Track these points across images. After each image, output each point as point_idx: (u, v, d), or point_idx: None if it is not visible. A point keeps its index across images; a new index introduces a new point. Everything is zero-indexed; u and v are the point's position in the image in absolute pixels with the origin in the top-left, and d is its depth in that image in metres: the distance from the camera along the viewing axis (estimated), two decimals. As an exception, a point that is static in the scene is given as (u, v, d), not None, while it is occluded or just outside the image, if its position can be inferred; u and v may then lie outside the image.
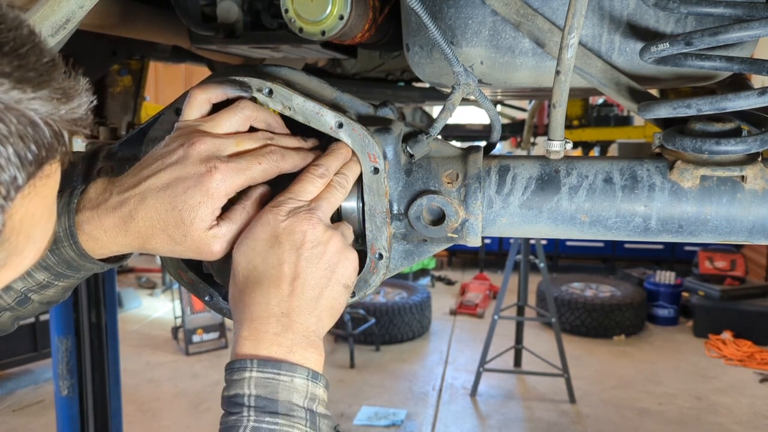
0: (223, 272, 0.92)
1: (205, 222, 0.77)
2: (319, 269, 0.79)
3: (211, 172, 0.77)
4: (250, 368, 0.73)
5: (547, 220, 0.96)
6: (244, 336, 0.76)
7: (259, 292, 0.77)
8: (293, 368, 0.74)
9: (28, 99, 0.44)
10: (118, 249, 0.81)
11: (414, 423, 5.30)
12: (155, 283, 9.23)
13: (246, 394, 0.72)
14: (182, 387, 5.88)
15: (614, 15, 0.92)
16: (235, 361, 0.74)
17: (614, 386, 6.00)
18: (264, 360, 0.74)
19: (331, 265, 0.80)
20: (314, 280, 0.79)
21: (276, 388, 0.72)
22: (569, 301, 7.40)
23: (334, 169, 0.86)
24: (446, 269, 10.66)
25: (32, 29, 0.48)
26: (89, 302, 3.19)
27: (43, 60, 0.47)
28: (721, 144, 0.85)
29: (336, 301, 0.82)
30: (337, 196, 0.85)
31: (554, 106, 0.87)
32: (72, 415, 3.22)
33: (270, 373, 0.73)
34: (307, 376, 0.75)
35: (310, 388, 0.75)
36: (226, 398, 0.74)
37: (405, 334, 7.07)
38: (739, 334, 6.96)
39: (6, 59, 0.43)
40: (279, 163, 0.83)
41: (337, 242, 0.81)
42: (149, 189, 0.77)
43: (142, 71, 2.35)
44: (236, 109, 0.84)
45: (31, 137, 0.44)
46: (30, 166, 0.45)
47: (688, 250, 9.29)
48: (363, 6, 1.09)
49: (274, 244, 0.78)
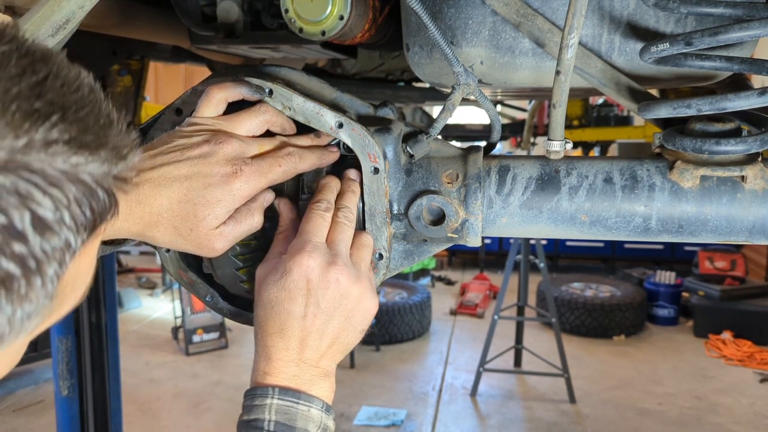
0: (218, 261, 0.92)
1: (218, 220, 0.79)
2: (337, 322, 0.83)
3: (236, 173, 0.79)
4: (272, 395, 0.78)
5: (547, 220, 0.96)
6: (265, 371, 0.81)
7: (280, 337, 0.81)
8: (311, 399, 0.80)
9: (85, 163, 0.43)
10: (116, 233, 0.80)
11: (414, 423, 5.30)
12: (155, 283, 9.23)
13: (266, 419, 0.77)
14: (182, 387, 5.87)
15: (614, 15, 0.92)
16: (256, 388, 0.79)
17: (614, 386, 6.00)
18: (285, 389, 0.79)
19: (349, 316, 0.84)
20: (332, 332, 0.83)
21: (294, 416, 0.78)
22: (569, 301, 7.39)
23: (333, 199, 0.89)
24: (446, 269, 10.66)
25: (92, 86, 0.47)
26: (89, 302, 3.19)
27: (100, 122, 0.45)
28: (721, 144, 0.85)
29: (350, 344, 0.86)
30: (348, 232, 0.88)
31: (554, 106, 0.87)
32: (72, 415, 3.21)
33: (289, 401, 0.78)
34: (321, 408, 0.80)
35: (323, 419, 0.80)
36: (245, 422, 0.78)
37: (405, 334, 7.07)
38: (739, 334, 6.95)
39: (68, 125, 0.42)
40: (297, 165, 0.86)
41: (355, 292, 0.84)
42: (165, 177, 0.77)
43: (142, 71, 2.35)
44: (257, 112, 0.86)
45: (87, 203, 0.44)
46: (85, 231, 0.45)
47: (688, 250, 9.29)
48: (363, 6, 1.09)
49: (297, 296, 0.81)
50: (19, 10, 1.18)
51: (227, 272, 0.92)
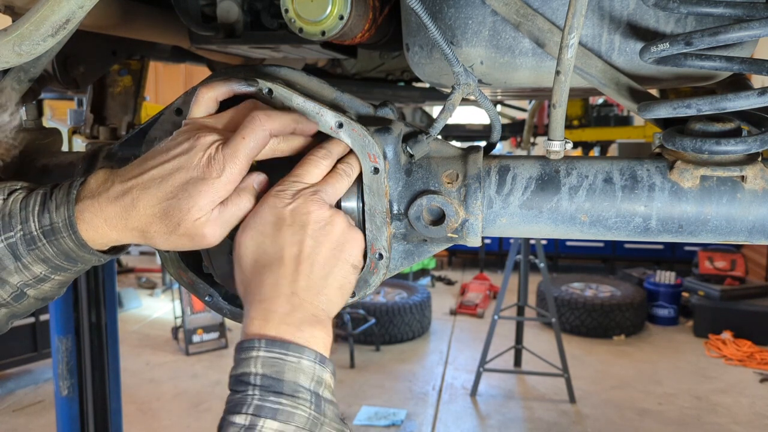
0: (218, 261, 0.92)
1: (203, 210, 0.78)
2: (326, 248, 0.80)
3: (210, 161, 0.78)
4: (258, 348, 0.73)
5: (547, 220, 0.96)
6: (253, 316, 0.76)
7: (268, 273, 0.78)
8: (301, 350, 0.74)
9: None
10: (117, 238, 0.81)
11: (414, 423, 5.30)
12: (155, 283, 9.23)
13: (252, 372, 0.72)
14: (182, 387, 5.87)
15: (614, 15, 0.92)
16: (244, 341, 0.75)
17: (614, 386, 6.00)
18: (272, 340, 0.74)
19: (339, 244, 0.81)
20: (323, 259, 0.80)
21: (282, 368, 0.72)
22: (569, 301, 7.40)
23: (337, 154, 0.87)
24: (446, 269, 10.66)
25: None
26: (89, 302, 3.19)
27: None
28: (721, 144, 0.85)
29: (345, 281, 0.82)
30: (342, 182, 0.85)
31: (554, 106, 0.87)
32: (72, 415, 3.22)
33: (277, 353, 0.73)
34: (314, 359, 0.74)
35: (317, 371, 0.74)
36: (233, 377, 0.74)
37: (405, 334, 7.07)
38: (739, 334, 6.96)
39: None
40: (265, 124, 0.80)
41: (342, 222, 0.82)
42: (152, 178, 0.78)
43: (142, 71, 2.34)
44: (241, 107, 0.85)
45: None
46: None
47: (688, 250, 9.29)
48: (363, 6, 1.09)
49: (281, 226, 0.79)
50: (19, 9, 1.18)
51: (227, 272, 0.92)
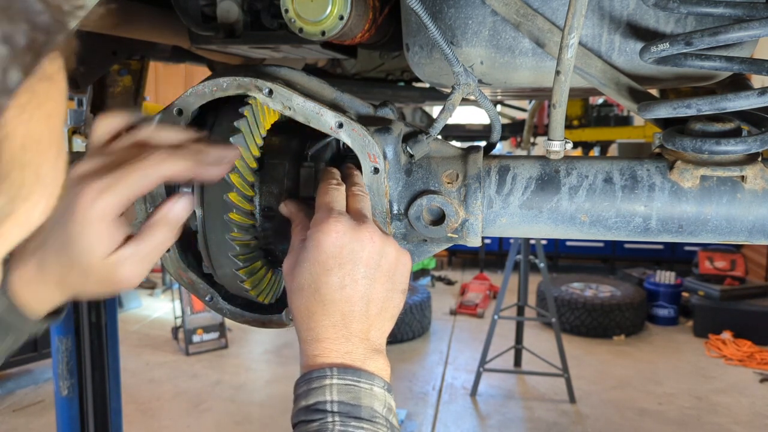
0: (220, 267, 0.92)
1: (100, 248, 0.70)
2: (380, 284, 0.78)
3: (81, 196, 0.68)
4: (330, 376, 0.72)
5: (547, 220, 0.96)
6: (315, 354, 0.75)
7: (324, 315, 0.76)
8: (371, 377, 0.74)
9: None
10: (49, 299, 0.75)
11: (414, 423, 5.30)
12: (155, 283, 9.23)
13: (328, 400, 0.71)
14: (182, 387, 5.87)
15: (614, 15, 0.92)
16: (312, 371, 0.73)
17: (614, 386, 6.00)
18: (344, 368, 0.73)
19: (391, 276, 0.79)
20: (377, 296, 0.78)
21: (358, 394, 0.72)
22: (569, 301, 7.39)
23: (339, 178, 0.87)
24: (446, 269, 10.66)
25: None
26: (89, 302, 3.19)
27: None
28: (721, 144, 0.85)
29: (396, 309, 0.81)
30: (367, 202, 0.86)
31: (554, 106, 0.87)
32: (72, 415, 3.21)
33: (350, 380, 0.72)
34: (383, 386, 0.74)
35: (387, 398, 0.74)
36: (305, 408, 0.71)
37: (405, 334, 7.07)
38: (739, 334, 6.95)
39: None
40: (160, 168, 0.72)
41: (393, 250, 0.80)
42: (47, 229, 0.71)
43: (142, 71, 2.34)
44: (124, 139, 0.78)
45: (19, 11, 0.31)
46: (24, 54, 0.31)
47: (688, 250, 9.29)
48: (363, 6, 1.09)
49: (334, 266, 0.76)
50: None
51: (227, 272, 0.92)
